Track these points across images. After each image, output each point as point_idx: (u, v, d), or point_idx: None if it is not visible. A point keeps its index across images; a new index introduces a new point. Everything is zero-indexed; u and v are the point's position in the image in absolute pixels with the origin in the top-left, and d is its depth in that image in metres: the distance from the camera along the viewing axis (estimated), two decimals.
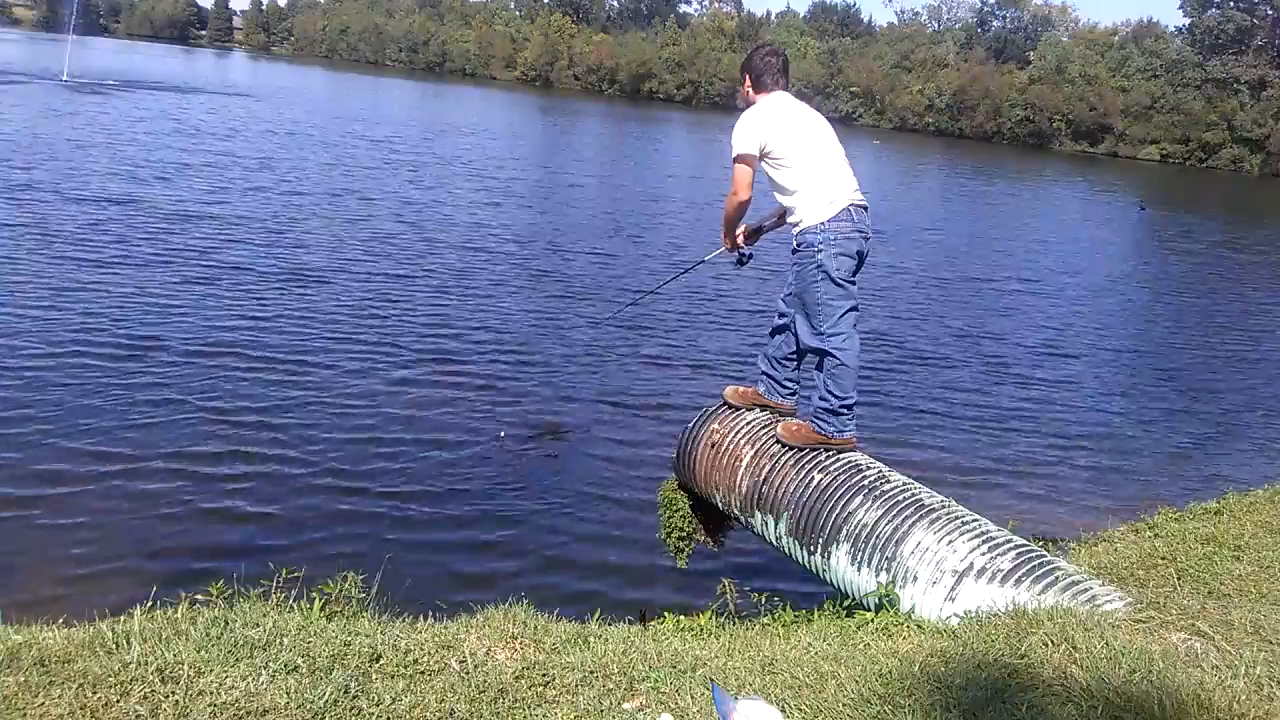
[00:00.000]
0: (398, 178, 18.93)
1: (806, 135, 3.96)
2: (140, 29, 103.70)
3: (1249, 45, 66.06)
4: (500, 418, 7.05)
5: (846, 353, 3.90)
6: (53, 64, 37.41)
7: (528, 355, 8.65)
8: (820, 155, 3.94)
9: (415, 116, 37.33)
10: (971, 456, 7.31)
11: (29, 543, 4.69)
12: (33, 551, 4.62)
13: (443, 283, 10.87)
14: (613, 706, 2.54)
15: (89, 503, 5.12)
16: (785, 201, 4.03)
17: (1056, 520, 6.04)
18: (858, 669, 2.74)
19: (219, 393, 6.82)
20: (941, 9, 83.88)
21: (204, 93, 36.07)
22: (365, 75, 70.59)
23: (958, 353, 10.44)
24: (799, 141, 3.94)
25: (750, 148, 3.92)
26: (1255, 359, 11.97)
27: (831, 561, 3.71)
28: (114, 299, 8.62)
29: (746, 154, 3.92)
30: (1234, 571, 3.83)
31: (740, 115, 4.02)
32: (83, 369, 6.91)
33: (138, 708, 2.23)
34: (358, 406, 6.92)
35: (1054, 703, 2.47)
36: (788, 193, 3.99)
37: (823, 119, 4.11)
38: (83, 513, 5.02)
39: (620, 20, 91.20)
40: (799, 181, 3.93)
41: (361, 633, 2.77)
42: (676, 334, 9.94)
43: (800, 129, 3.97)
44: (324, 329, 8.60)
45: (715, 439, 4.25)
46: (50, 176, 14.08)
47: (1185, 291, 16.76)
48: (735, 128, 3.97)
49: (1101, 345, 11.76)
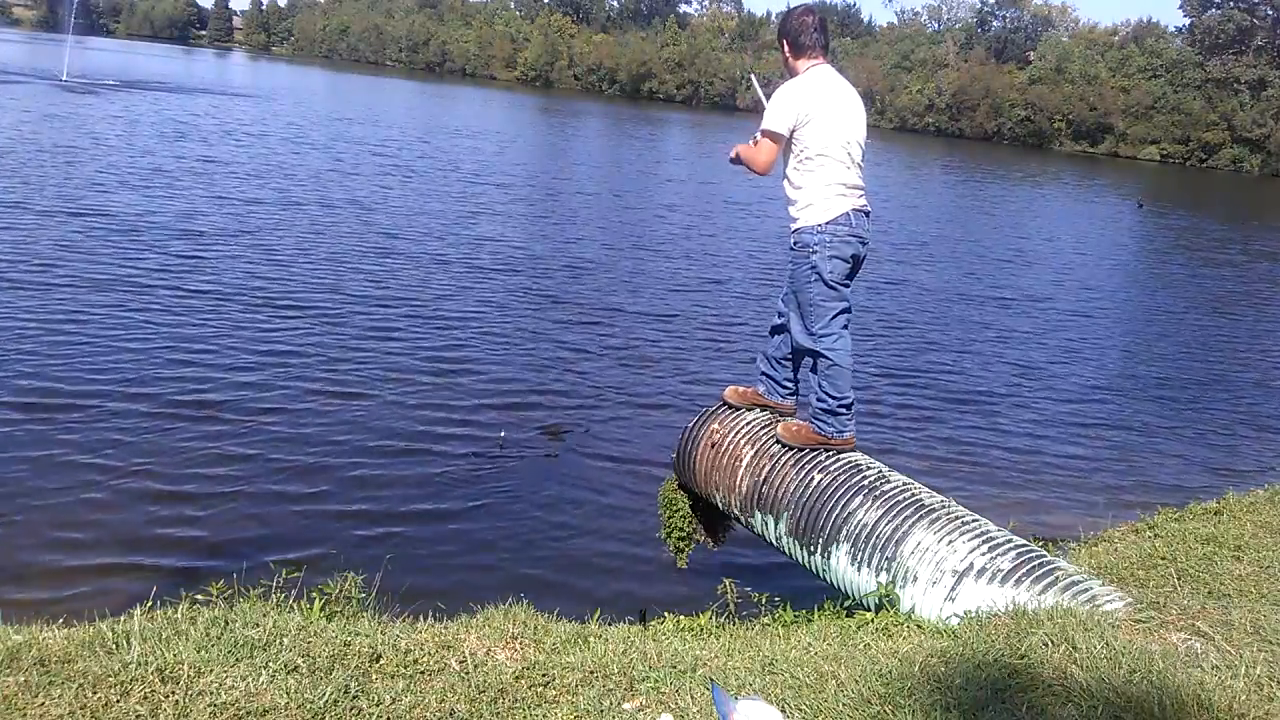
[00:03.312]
0: (398, 178, 18.93)
1: (837, 130, 3.82)
2: (140, 29, 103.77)
3: (1249, 45, 66.03)
4: (500, 418, 7.05)
5: (838, 353, 3.90)
6: (52, 64, 37.40)
7: (528, 355, 8.65)
8: (840, 154, 3.83)
9: (416, 117, 37.33)
10: (971, 456, 7.30)
11: (29, 543, 4.69)
12: (33, 551, 4.62)
13: (441, 283, 10.86)
14: (613, 706, 2.54)
15: (89, 502, 5.12)
16: (789, 192, 3.97)
17: (1056, 520, 6.04)
18: (858, 669, 2.74)
19: (219, 393, 6.81)
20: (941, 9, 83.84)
21: (203, 93, 36.05)
22: (365, 75, 70.58)
23: (956, 352, 10.44)
24: (827, 135, 3.81)
25: (781, 127, 3.81)
26: (1256, 359, 11.97)
27: (831, 561, 3.71)
28: (114, 300, 8.62)
29: (776, 132, 3.82)
30: (1234, 571, 3.82)
31: (781, 86, 3.87)
32: (83, 369, 6.91)
33: (138, 708, 2.23)
34: (357, 406, 6.92)
35: (1054, 703, 2.47)
36: (794, 186, 3.93)
37: (860, 105, 3.96)
38: (83, 513, 5.01)
39: (620, 20, 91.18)
40: (807, 179, 3.86)
41: (361, 633, 2.78)
42: (676, 334, 9.93)
43: (834, 122, 3.82)
44: (323, 329, 8.59)
45: (715, 439, 4.25)
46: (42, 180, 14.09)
47: (1185, 292, 16.76)
48: (775, 96, 3.84)
49: (1101, 345, 11.76)
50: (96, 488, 5.28)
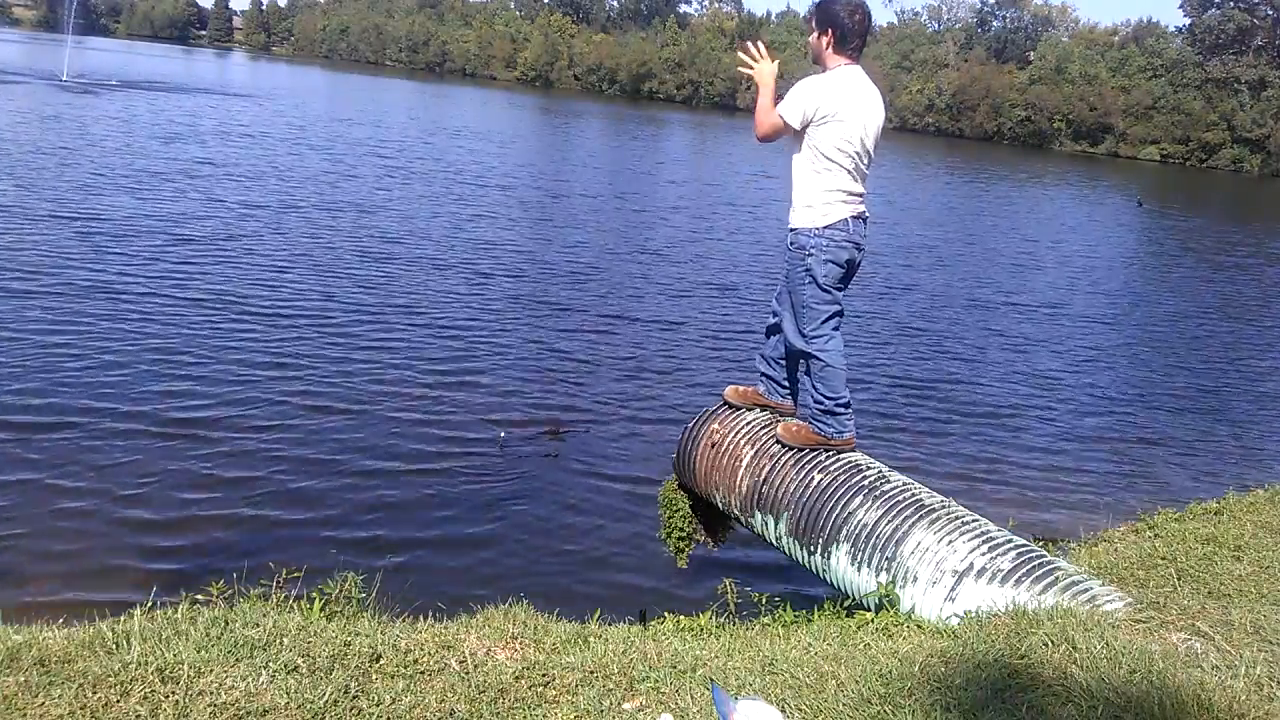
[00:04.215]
0: (398, 180, 18.93)
1: (853, 138, 3.77)
2: (140, 29, 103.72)
3: (1249, 45, 66.06)
4: (500, 418, 7.05)
5: (830, 354, 3.90)
6: (52, 64, 37.40)
7: (527, 355, 8.65)
8: (850, 163, 3.79)
9: (416, 118, 37.31)
10: (971, 456, 7.31)
11: (29, 543, 4.69)
12: (33, 551, 4.62)
13: (441, 284, 10.86)
14: (613, 706, 2.54)
15: (89, 503, 5.12)
16: (794, 189, 3.91)
17: (1056, 520, 6.04)
18: (858, 669, 2.74)
19: (218, 394, 6.82)
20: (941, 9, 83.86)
21: (203, 94, 36.06)
22: (365, 75, 70.56)
23: (956, 352, 10.44)
24: (842, 142, 3.76)
25: (794, 119, 3.76)
26: (1255, 358, 11.97)
27: (831, 561, 3.71)
28: (113, 300, 8.62)
29: (788, 122, 3.77)
30: (1234, 571, 3.82)
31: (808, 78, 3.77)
32: (83, 369, 6.91)
33: (138, 708, 2.23)
34: (357, 407, 6.92)
35: (1054, 703, 2.47)
36: (799, 185, 3.88)
37: (881, 114, 3.90)
38: (83, 513, 5.02)
39: (620, 20, 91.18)
40: (813, 179, 3.82)
41: (361, 633, 2.77)
42: (676, 334, 9.93)
43: (851, 129, 3.76)
44: (322, 330, 8.60)
45: (715, 439, 4.25)
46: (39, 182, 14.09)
47: (1185, 292, 16.76)
48: (798, 86, 3.75)
49: (1101, 345, 11.76)
50: (96, 488, 5.28)
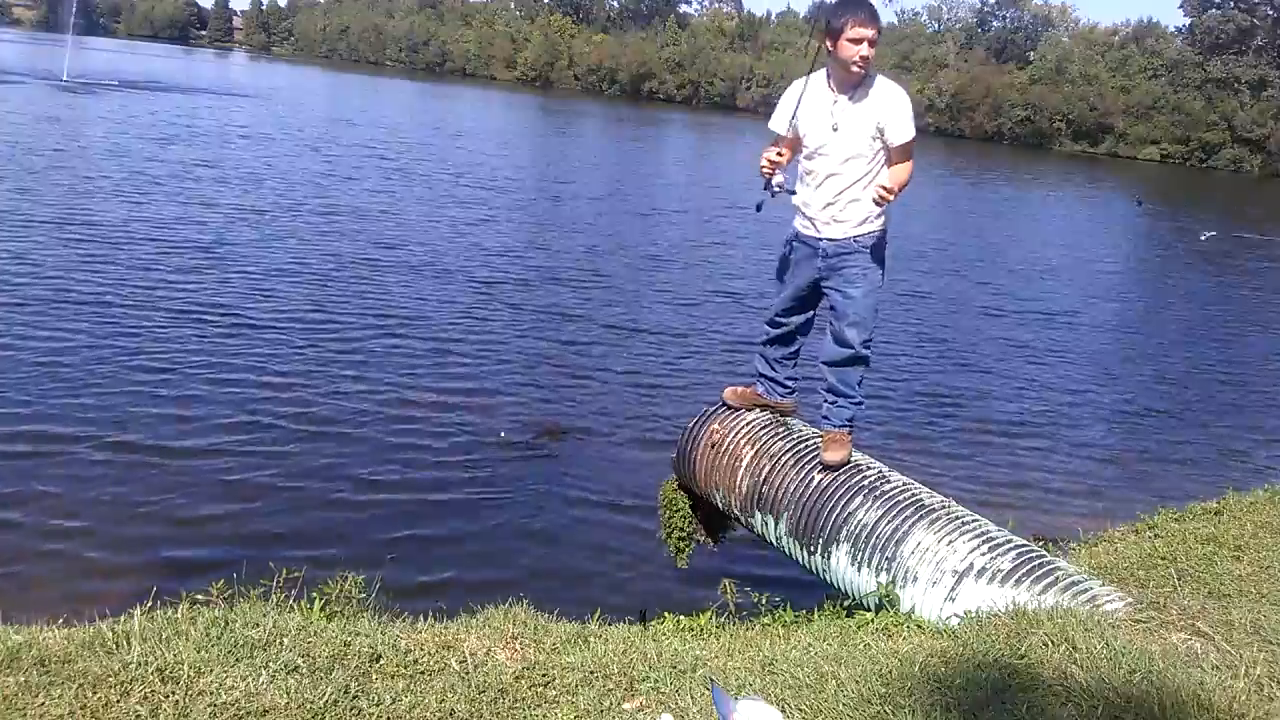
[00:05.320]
0: (398, 182, 18.93)
1: None
2: (140, 29, 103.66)
3: (1249, 45, 66.01)
4: (500, 418, 7.05)
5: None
6: (52, 65, 37.37)
7: (528, 356, 8.65)
8: None
9: (416, 118, 37.31)
10: (971, 456, 7.30)
11: (29, 543, 4.69)
12: (32, 551, 4.62)
13: (441, 285, 10.87)
14: (613, 706, 2.54)
15: (89, 503, 5.12)
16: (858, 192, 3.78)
17: (1056, 520, 6.03)
18: (858, 669, 2.74)
19: (218, 395, 6.82)
20: (941, 9, 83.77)
21: (203, 94, 36.04)
22: (365, 75, 70.54)
23: (956, 353, 10.44)
24: None
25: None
26: (1256, 358, 11.97)
27: (831, 562, 3.71)
28: (112, 300, 8.62)
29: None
30: (1234, 571, 3.82)
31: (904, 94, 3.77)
32: (83, 370, 6.91)
33: (138, 708, 2.23)
34: (356, 408, 6.92)
35: (1054, 703, 2.47)
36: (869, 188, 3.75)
37: None
38: (83, 513, 5.02)
39: (620, 20, 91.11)
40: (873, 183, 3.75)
41: (361, 633, 2.77)
42: (676, 335, 9.93)
43: None
44: (322, 331, 8.60)
45: (715, 439, 4.25)
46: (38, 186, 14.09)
47: (1185, 292, 16.75)
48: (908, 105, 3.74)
49: (1101, 346, 11.76)
50: (96, 488, 5.28)
